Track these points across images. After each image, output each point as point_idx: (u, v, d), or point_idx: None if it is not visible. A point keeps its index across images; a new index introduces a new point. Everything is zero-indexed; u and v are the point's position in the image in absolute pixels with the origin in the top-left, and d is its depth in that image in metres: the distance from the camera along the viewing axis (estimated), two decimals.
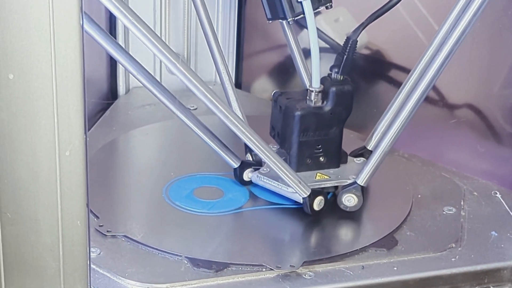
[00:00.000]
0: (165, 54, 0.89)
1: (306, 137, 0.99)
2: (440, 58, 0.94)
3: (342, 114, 0.99)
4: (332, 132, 0.99)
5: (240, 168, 1.01)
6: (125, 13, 0.88)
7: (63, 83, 0.65)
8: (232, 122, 0.94)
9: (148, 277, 0.88)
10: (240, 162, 1.01)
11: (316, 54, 0.96)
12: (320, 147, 0.99)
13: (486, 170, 1.09)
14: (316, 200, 0.96)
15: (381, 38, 1.16)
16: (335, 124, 0.99)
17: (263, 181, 1.00)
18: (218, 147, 1.00)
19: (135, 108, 1.22)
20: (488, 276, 0.94)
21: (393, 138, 0.97)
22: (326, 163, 1.00)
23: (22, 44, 0.63)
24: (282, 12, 0.97)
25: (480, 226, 1.00)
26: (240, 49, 1.30)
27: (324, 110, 0.99)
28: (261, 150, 0.95)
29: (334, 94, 0.98)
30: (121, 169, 1.09)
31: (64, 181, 0.68)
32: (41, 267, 0.70)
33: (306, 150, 0.99)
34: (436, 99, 1.13)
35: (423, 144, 1.13)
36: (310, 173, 0.99)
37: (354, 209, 0.98)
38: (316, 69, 0.97)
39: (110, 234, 0.94)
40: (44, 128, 0.66)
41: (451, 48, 0.94)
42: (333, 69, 0.99)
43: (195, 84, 0.91)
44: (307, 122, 0.98)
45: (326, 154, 1.00)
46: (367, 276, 0.90)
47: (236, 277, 0.89)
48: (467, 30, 0.92)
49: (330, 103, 0.98)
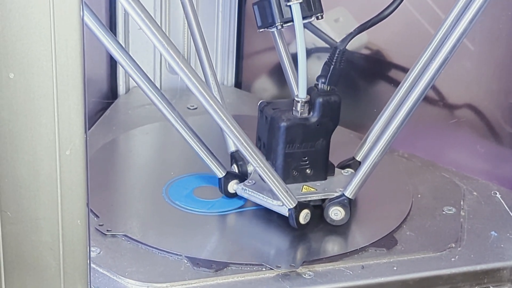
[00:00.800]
0: (167, 48, 0.89)
1: (292, 148, 0.97)
2: (435, 65, 0.92)
3: (329, 126, 0.97)
4: (318, 144, 0.97)
5: (225, 179, 0.99)
6: (132, 4, 0.87)
7: (63, 82, 0.65)
8: (224, 122, 0.92)
9: (148, 277, 0.88)
10: (225, 172, 0.99)
11: (303, 63, 0.94)
12: (307, 159, 0.97)
13: (486, 170, 1.09)
14: (302, 213, 0.94)
15: (381, 38, 1.16)
16: (321, 135, 0.97)
17: (247, 193, 0.98)
18: (204, 154, 0.98)
19: (135, 107, 1.22)
20: (488, 276, 0.94)
21: (383, 149, 0.95)
22: (312, 175, 0.98)
23: (23, 43, 0.64)
24: (271, 17, 0.95)
25: (479, 226, 1.00)
26: (240, 48, 1.30)
27: (310, 121, 0.96)
28: (251, 153, 0.93)
29: (320, 104, 0.96)
30: (121, 168, 1.09)
31: (65, 180, 0.68)
32: (41, 266, 0.70)
33: (292, 162, 0.97)
34: (436, 99, 1.13)
35: (423, 144, 1.14)
36: (296, 186, 0.97)
37: (341, 223, 0.96)
38: (302, 79, 0.95)
39: (110, 234, 0.94)
40: (45, 127, 0.66)
41: (449, 50, 0.92)
42: (320, 79, 0.97)
43: (194, 81, 0.91)
44: (293, 134, 0.96)
45: (313, 166, 0.98)
46: (367, 276, 0.90)
47: (236, 276, 0.89)
48: (467, 30, 0.92)
49: (316, 114, 0.96)
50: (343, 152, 1.03)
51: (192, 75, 0.90)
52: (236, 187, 0.99)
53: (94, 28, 0.91)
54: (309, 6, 0.96)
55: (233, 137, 0.93)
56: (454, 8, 0.97)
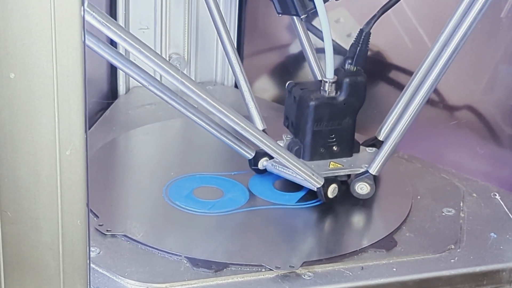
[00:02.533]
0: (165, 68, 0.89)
1: (320, 126, 1.01)
2: (450, 49, 0.96)
3: (355, 105, 1.01)
4: (345, 122, 1.01)
5: (255, 158, 1.02)
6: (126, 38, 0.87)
7: (64, 82, 0.65)
8: (239, 124, 0.94)
9: (148, 277, 0.88)
10: (254, 152, 1.02)
11: (329, 46, 0.97)
12: (334, 137, 1.01)
13: (485, 171, 1.09)
14: (330, 188, 0.98)
15: (382, 39, 1.16)
16: (348, 114, 1.01)
17: (277, 169, 1.01)
18: (230, 140, 1.01)
19: (135, 107, 1.22)
20: (487, 278, 0.94)
21: (403, 129, 0.99)
22: (339, 152, 1.02)
23: (24, 43, 0.64)
24: (294, 9, 0.99)
25: (479, 227, 1.00)
26: (241, 49, 1.30)
27: (337, 101, 1.00)
28: (270, 147, 0.96)
29: (347, 84, 1.00)
30: (121, 168, 1.09)
31: (65, 180, 0.68)
32: (41, 266, 0.70)
33: (320, 140, 1.01)
34: (436, 100, 1.13)
35: (423, 146, 1.14)
36: (324, 162, 1.01)
37: (366, 197, 1.00)
38: (330, 60, 0.98)
39: (110, 234, 0.94)
40: (45, 127, 0.66)
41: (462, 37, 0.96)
42: (347, 60, 1.01)
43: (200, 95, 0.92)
44: (321, 112, 1.00)
45: (339, 144, 1.02)
46: (366, 277, 0.91)
47: (236, 277, 0.89)
48: (471, 27, 0.94)
49: (343, 93, 1.00)
50: None
51: (197, 89, 0.91)
52: (266, 163, 1.02)
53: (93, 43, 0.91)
54: None
55: (250, 137, 0.95)
56: (457, 9, 0.98)
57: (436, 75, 0.98)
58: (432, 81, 0.98)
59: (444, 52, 0.97)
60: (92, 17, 0.84)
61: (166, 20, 1.25)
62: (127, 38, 0.87)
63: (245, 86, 1.07)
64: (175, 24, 1.26)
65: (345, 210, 1.00)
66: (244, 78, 1.07)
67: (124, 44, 0.87)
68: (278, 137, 1.03)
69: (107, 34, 0.85)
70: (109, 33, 0.85)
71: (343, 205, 1.01)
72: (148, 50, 0.88)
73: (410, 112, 0.99)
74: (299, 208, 0.99)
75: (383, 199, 1.03)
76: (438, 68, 0.97)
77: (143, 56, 0.88)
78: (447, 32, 1.00)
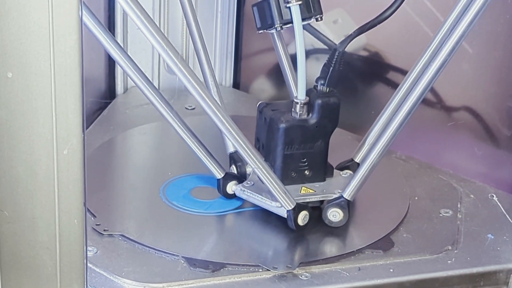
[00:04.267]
0: (165, 49, 0.89)
1: (291, 150, 0.97)
2: (434, 67, 0.92)
3: (328, 127, 0.97)
4: (317, 145, 0.97)
5: (224, 180, 0.99)
6: (129, 2, 0.87)
7: (61, 82, 0.65)
8: (223, 123, 0.92)
9: (145, 277, 0.88)
10: (224, 173, 0.99)
11: (302, 65, 0.94)
12: (306, 160, 0.97)
13: (483, 172, 1.09)
14: (300, 215, 0.94)
15: (379, 39, 1.16)
16: (320, 137, 0.97)
17: (246, 194, 0.98)
18: (203, 154, 0.98)
19: (133, 107, 1.22)
20: (484, 279, 0.94)
21: (381, 151, 0.95)
22: (311, 176, 0.98)
23: (21, 43, 0.64)
24: (271, 18, 0.95)
25: (476, 228, 1.00)
26: (239, 49, 1.30)
27: (309, 123, 0.96)
28: (249, 154, 0.93)
29: (319, 106, 0.96)
30: (118, 168, 1.09)
31: (62, 180, 0.68)
32: (38, 265, 0.70)
33: (291, 163, 0.97)
34: (434, 101, 1.13)
35: (421, 146, 1.14)
36: (295, 187, 0.97)
37: (339, 225, 0.96)
38: (302, 80, 0.95)
39: (107, 233, 0.94)
40: (43, 127, 0.66)
41: (448, 53, 0.92)
42: (319, 80, 0.96)
43: (192, 82, 0.91)
44: (292, 135, 0.96)
45: (312, 168, 0.98)
46: (363, 278, 0.91)
47: (233, 277, 0.89)
48: (466, 32, 0.92)
49: (315, 115, 0.96)
50: (340, 154, 1.03)
51: (190, 76, 0.90)
52: (235, 188, 0.99)
53: (92, 28, 0.90)
54: (308, 7, 0.96)
55: (231, 138, 0.93)
56: (454, 10, 0.97)
57: (418, 94, 0.93)
58: (414, 100, 0.93)
59: (434, 61, 0.93)
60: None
61: (164, 20, 1.25)
62: None
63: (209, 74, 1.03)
64: (173, 24, 1.26)
65: None
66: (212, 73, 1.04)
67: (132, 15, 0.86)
68: None
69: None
70: None
71: None
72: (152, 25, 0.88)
73: (389, 132, 0.95)
74: None
75: (380, 200, 1.03)
76: (421, 85, 0.93)
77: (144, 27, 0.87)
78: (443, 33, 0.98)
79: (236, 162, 1.00)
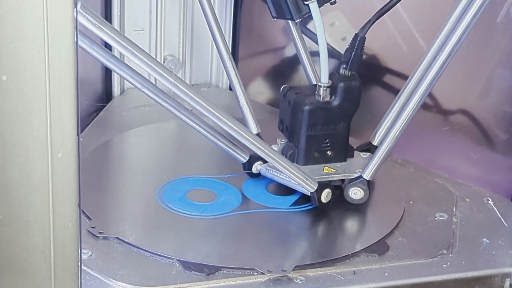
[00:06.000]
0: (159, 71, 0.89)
1: (314, 131, 1.00)
2: (445, 54, 0.96)
3: (350, 109, 1.01)
4: (339, 127, 1.01)
5: (249, 162, 1.02)
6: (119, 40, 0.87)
7: (56, 85, 0.65)
8: (233, 129, 0.94)
9: (140, 280, 0.88)
10: (248, 156, 1.02)
11: (324, 51, 0.97)
12: (328, 141, 1.01)
13: (478, 176, 1.09)
14: (323, 193, 0.98)
15: (377, 43, 1.16)
16: (342, 119, 1.01)
17: (271, 173, 1.01)
18: (224, 144, 1.01)
19: (130, 109, 1.22)
20: (479, 283, 0.94)
21: (397, 134, 1.00)
22: (333, 157, 1.02)
23: (16, 46, 0.64)
24: (289, 13, 0.98)
25: (471, 232, 1.00)
26: (236, 51, 1.30)
27: (332, 105, 1.00)
28: (264, 151, 0.96)
29: (342, 89, 1.00)
30: (114, 170, 1.09)
31: (56, 183, 0.68)
32: (32, 268, 0.70)
33: (314, 144, 1.01)
34: (431, 105, 1.13)
35: (417, 150, 1.14)
36: (318, 167, 1.01)
37: (360, 202, 1.00)
38: (324, 64, 0.98)
39: (102, 236, 0.94)
40: (37, 130, 0.66)
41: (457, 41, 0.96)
42: (342, 65, 1.01)
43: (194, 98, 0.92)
44: (315, 117, 1.00)
45: (334, 148, 1.02)
46: (358, 281, 0.91)
47: (228, 280, 0.89)
48: (467, 31, 0.94)
49: (338, 98, 1.00)
50: None
51: (190, 92, 0.91)
52: (260, 167, 1.02)
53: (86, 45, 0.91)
54: None
55: (244, 140, 0.95)
56: (453, 13, 0.98)
57: (431, 79, 0.98)
58: (426, 86, 0.98)
59: (439, 56, 0.97)
60: (86, 18, 0.84)
61: (161, 21, 1.25)
62: (120, 40, 0.87)
63: (239, 89, 1.07)
64: (170, 26, 1.26)
65: (338, 214, 1.00)
66: (239, 81, 1.07)
67: (117, 46, 0.87)
68: (273, 140, 1.03)
69: (100, 35, 0.85)
70: (102, 35, 0.85)
71: (336, 210, 1.01)
72: (141, 53, 0.88)
73: (404, 116, 0.99)
74: (292, 212, 0.99)
75: (375, 204, 1.03)
76: (433, 72, 0.98)
77: (136, 59, 0.88)
78: (442, 36, 1.00)
79: None
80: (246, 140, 0.95)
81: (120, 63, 0.93)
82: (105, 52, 0.91)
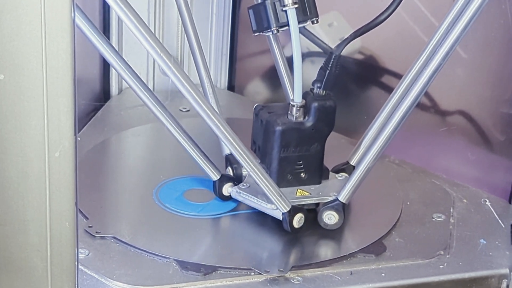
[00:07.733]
0: (158, 52, 0.89)
1: (287, 152, 0.97)
2: (428, 71, 0.93)
3: (324, 130, 0.97)
4: (313, 148, 0.97)
5: (220, 182, 0.99)
6: (123, 7, 0.87)
7: (54, 84, 0.65)
8: (217, 126, 0.92)
9: (136, 279, 0.88)
10: (220, 175, 0.99)
11: (298, 67, 0.94)
12: (301, 163, 0.98)
13: (476, 177, 1.09)
14: (296, 217, 0.94)
15: (374, 43, 1.16)
16: (316, 140, 0.97)
17: (242, 196, 0.98)
18: (198, 156, 0.98)
19: (127, 108, 1.22)
20: (476, 284, 0.94)
21: (377, 154, 0.95)
22: (307, 179, 0.98)
23: (13, 45, 0.64)
24: (267, 21, 0.95)
25: (469, 233, 1.00)
26: (234, 51, 1.30)
27: (305, 126, 0.96)
28: (244, 157, 0.93)
29: (316, 109, 0.96)
30: (111, 170, 1.09)
31: (53, 182, 0.68)
32: (29, 267, 0.70)
33: (287, 166, 0.97)
34: (428, 105, 1.13)
35: (414, 151, 1.14)
36: (291, 189, 0.97)
37: (334, 227, 0.96)
38: (298, 83, 0.95)
39: (99, 235, 0.94)
40: (34, 129, 0.66)
41: (443, 57, 0.92)
42: (316, 83, 0.97)
43: (185, 85, 0.91)
44: (288, 138, 0.96)
45: (307, 170, 0.98)
46: (355, 282, 0.91)
47: (225, 280, 0.89)
48: (460, 37, 0.92)
49: (312, 118, 0.96)
50: (335, 157, 1.03)
51: (183, 78, 0.90)
52: (231, 190, 0.99)
53: (85, 30, 0.90)
54: (304, 10, 0.96)
55: (226, 141, 0.93)
56: (448, 15, 0.97)
57: (413, 97, 0.93)
58: (409, 104, 0.94)
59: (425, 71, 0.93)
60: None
61: (160, 22, 1.25)
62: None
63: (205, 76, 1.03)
64: (169, 26, 1.26)
65: None
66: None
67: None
68: None
69: None
70: None
71: None
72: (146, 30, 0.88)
73: (385, 135, 0.95)
74: None
75: (373, 204, 1.03)
76: (416, 89, 0.93)
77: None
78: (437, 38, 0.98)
79: (232, 164, 1.00)
80: (226, 139, 0.93)
81: (118, 57, 0.93)
82: (103, 39, 0.91)
